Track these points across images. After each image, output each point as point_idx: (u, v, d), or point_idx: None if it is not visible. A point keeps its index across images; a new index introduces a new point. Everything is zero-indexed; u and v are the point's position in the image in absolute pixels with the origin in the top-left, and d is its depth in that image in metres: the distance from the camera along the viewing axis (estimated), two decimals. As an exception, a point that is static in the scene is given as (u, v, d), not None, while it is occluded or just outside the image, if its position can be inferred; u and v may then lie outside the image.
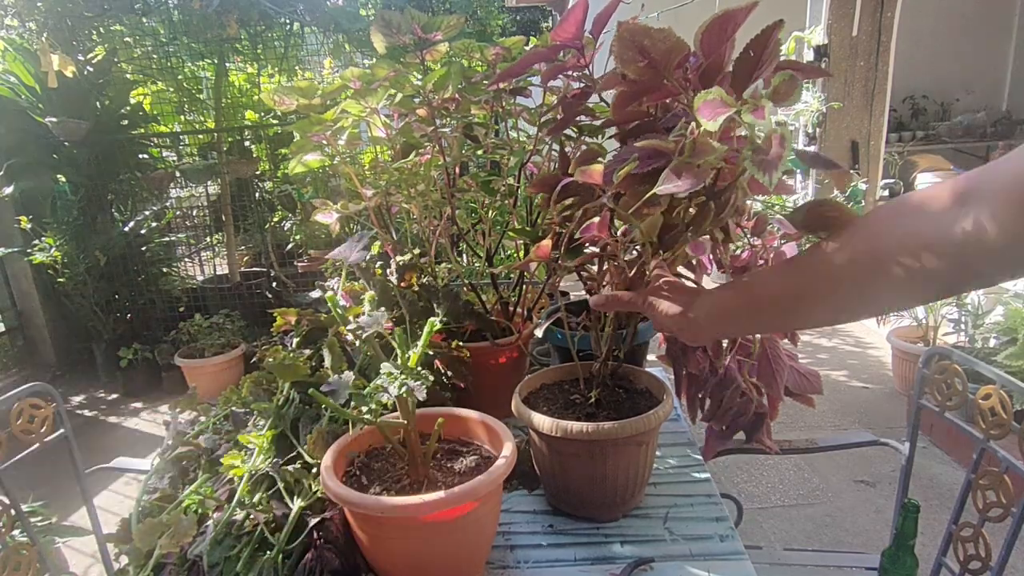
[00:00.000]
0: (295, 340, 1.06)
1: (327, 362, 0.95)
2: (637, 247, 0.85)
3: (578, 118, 0.92)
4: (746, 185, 0.71)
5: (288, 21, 3.80)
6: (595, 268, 0.95)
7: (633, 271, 0.84)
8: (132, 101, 3.93)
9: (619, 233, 0.81)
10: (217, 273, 4.50)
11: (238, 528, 0.77)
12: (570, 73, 0.86)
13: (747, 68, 0.64)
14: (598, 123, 0.94)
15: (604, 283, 0.93)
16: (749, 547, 0.89)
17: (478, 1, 4.49)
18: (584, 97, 0.88)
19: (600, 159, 0.77)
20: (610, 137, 0.85)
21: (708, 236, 0.81)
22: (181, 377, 3.62)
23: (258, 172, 4.24)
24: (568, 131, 0.96)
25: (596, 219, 0.79)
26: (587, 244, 0.86)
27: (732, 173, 0.70)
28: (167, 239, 4.17)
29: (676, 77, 0.67)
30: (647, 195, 0.64)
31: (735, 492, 2.37)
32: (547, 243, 0.87)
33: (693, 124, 0.63)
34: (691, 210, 0.75)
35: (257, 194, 4.35)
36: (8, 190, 3.41)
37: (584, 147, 0.97)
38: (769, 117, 0.57)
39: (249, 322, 3.87)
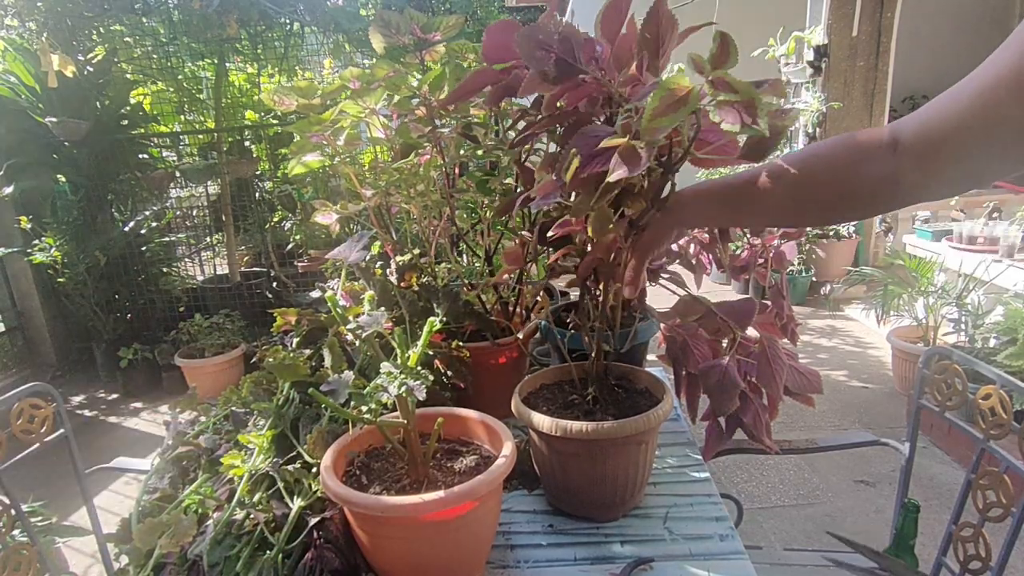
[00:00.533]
0: (295, 340, 1.06)
1: (327, 362, 0.95)
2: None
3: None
4: (692, 149, 0.72)
5: (288, 21, 3.80)
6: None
7: (611, 259, 0.84)
8: (132, 101, 3.93)
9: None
10: (217, 273, 4.50)
11: (238, 528, 0.77)
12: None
13: (652, 47, 0.67)
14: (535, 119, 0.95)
15: (583, 277, 0.94)
16: (749, 547, 0.89)
17: (478, 1, 4.49)
18: (527, 115, 0.89)
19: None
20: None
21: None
22: (181, 377, 3.62)
23: (258, 172, 4.24)
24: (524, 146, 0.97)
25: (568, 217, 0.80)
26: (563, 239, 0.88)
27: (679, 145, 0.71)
28: (167, 239, 4.17)
29: (591, 67, 0.69)
30: (601, 187, 0.66)
31: (735, 492, 2.37)
32: (515, 248, 0.88)
33: (640, 105, 0.64)
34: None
35: (257, 194, 4.35)
36: (8, 190, 3.42)
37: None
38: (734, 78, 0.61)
39: (249, 322, 3.87)
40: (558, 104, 0.76)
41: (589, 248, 0.88)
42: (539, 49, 0.67)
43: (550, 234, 0.86)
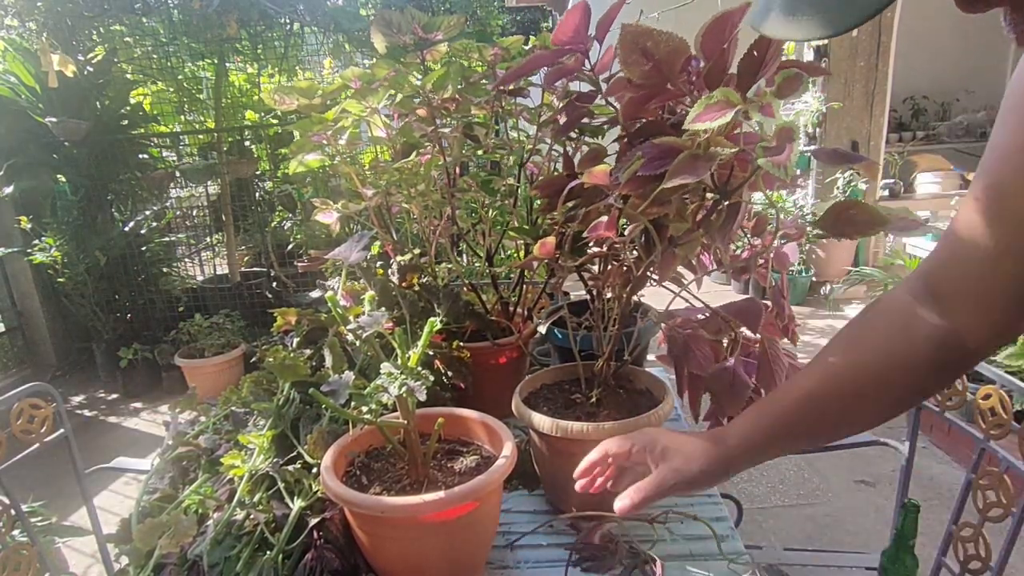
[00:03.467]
0: (295, 340, 1.06)
1: (328, 362, 0.95)
2: (636, 248, 0.85)
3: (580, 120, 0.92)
4: (761, 182, 0.71)
5: (288, 21, 3.80)
6: (595, 268, 0.96)
7: (640, 271, 0.84)
8: (132, 101, 3.93)
9: (625, 232, 0.81)
10: (217, 273, 4.50)
11: (238, 528, 0.77)
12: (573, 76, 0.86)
13: (751, 67, 0.64)
14: (600, 123, 0.94)
15: (607, 283, 0.93)
16: (749, 547, 0.89)
17: (478, 1, 4.49)
18: (589, 100, 0.88)
19: (604, 159, 0.77)
20: (614, 140, 0.85)
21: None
22: (181, 377, 3.62)
23: (258, 172, 4.24)
24: (570, 132, 0.96)
25: (604, 219, 0.79)
26: (591, 244, 0.86)
27: (742, 171, 0.69)
28: (167, 239, 4.16)
29: (681, 80, 0.67)
30: (655, 192, 0.64)
31: (735, 492, 2.36)
32: (551, 240, 0.87)
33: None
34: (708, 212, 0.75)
35: (257, 194, 4.35)
36: (8, 190, 3.41)
37: (584, 147, 0.97)
38: (779, 114, 0.58)
39: (249, 322, 3.87)
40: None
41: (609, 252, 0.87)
42: (640, 54, 0.66)
43: (585, 234, 0.85)
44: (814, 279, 4.67)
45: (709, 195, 0.72)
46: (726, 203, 0.71)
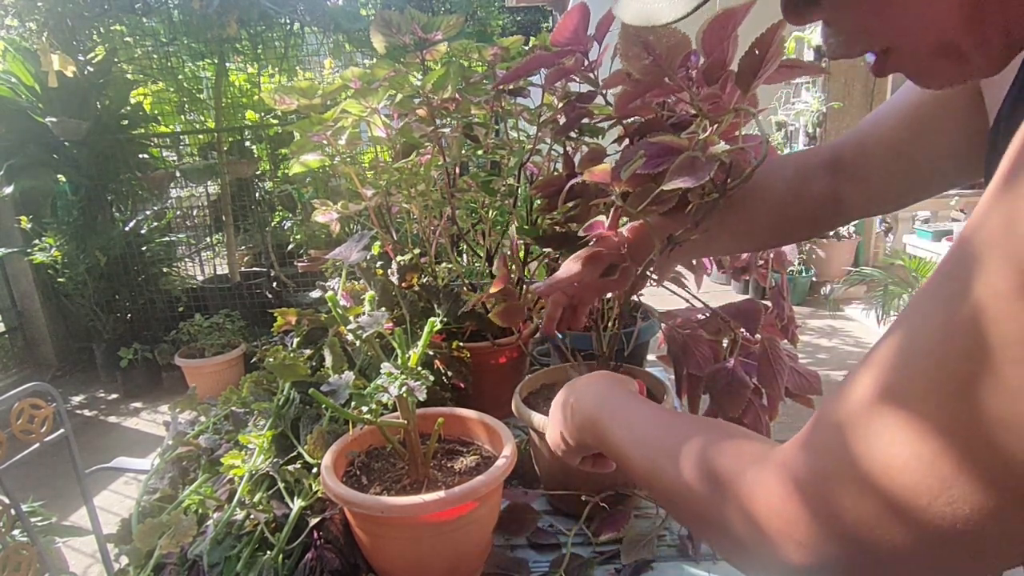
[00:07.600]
0: (295, 340, 1.06)
1: (328, 362, 0.95)
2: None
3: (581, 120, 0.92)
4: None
5: (288, 21, 3.80)
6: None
7: (639, 271, 0.84)
8: (132, 101, 3.93)
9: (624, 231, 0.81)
10: (217, 273, 4.50)
11: (238, 528, 0.77)
12: (574, 77, 0.86)
13: (751, 66, 0.65)
14: (601, 123, 0.94)
15: None
16: (749, 547, 0.88)
17: (478, 1, 4.49)
18: (588, 100, 0.88)
19: (604, 159, 0.77)
20: (614, 141, 0.85)
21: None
22: (181, 377, 3.62)
23: (258, 172, 4.25)
24: (570, 132, 0.96)
25: (602, 218, 0.79)
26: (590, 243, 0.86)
27: (741, 170, 0.70)
28: (167, 239, 4.17)
29: (679, 76, 0.67)
30: (655, 192, 0.64)
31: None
32: (503, 269, 0.88)
33: (706, 121, 0.63)
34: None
35: (257, 194, 4.35)
36: (8, 190, 3.42)
37: (584, 148, 0.97)
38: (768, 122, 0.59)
39: (249, 322, 3.87)
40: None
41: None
42: (641, 48, 0.66)
43: (581, 233, 0.85)
44: (814, 279, 4.68)
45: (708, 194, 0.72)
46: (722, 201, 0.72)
